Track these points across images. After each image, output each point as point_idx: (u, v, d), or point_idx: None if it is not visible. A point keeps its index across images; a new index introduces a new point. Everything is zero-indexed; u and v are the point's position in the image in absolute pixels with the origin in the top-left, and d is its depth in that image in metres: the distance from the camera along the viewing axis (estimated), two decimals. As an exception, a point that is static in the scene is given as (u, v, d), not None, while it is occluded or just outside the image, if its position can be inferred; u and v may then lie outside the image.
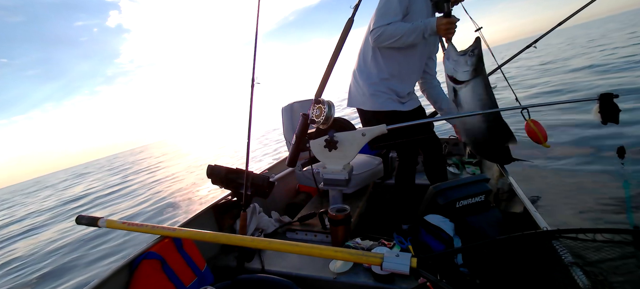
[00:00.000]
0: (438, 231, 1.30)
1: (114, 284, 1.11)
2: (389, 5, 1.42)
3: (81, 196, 11.57)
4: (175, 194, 7.16)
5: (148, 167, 16.20)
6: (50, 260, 4.53)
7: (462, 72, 1.29)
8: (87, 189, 13.80)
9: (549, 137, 1.38)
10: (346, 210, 1.45)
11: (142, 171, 15.14)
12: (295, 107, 2.18)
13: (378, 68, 1.58)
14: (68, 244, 5.09)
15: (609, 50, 12.72)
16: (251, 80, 1.67)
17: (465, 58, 1.28)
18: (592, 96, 1.16)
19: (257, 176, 1.67)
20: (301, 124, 1.50)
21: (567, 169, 3.37)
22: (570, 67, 10.67)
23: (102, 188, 12.51)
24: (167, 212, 5.60)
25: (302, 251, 0.98)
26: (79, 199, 10.78)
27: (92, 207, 8.65)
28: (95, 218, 1.29)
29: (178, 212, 5.52)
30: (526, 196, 1.44)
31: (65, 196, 13.21)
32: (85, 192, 12.75)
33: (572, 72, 9.68)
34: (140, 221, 4.70)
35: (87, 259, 4.17)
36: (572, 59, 12.70)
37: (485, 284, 1.14)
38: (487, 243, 0.86)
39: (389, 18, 1.42)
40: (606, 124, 1.14)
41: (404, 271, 0.83)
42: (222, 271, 1.44)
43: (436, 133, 1.80)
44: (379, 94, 1.58)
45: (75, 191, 14.68)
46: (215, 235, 1.18)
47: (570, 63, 11.71)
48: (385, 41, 1.45)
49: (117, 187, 11.32)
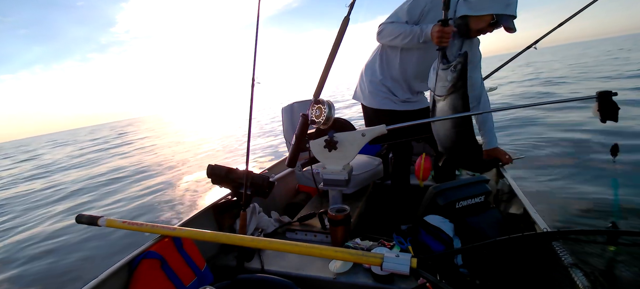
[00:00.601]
0: (438, 231, 1.30)
1: (113, 283, 1.11)
2: (401, 8, 1.48)
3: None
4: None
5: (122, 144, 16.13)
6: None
7: (440, 86, 1.26)
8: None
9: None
10: (346, 210, 1.45)
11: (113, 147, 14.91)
12: (296, 107, 2.18)
13: (380, 69, 1.63)
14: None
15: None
16: (251, 80, 1.67)
17: (446, 73, 1.24)
18: (590, 95, 1.16)
19: (257, 176, 1.67)
20: (301, 124, 1.50)
21: (564, 169, 3.38)
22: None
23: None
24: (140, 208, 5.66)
25: (302, 251, 0.98)
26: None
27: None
28: (96, 217, 1.29)
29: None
30: (525, 196, 1.44)
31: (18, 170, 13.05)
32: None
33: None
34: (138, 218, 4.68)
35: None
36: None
37: (485, 285, 1.14)
38: (488, 244, 0.87)
39: (395, 18, 1.48)
40: (605, 122, 1.14)
41: (404, 272, 0.83)
42: (221, 270, 1.44)
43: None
44: (378, 93, 1.64)
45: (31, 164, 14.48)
46: (215, 235, 1.18)
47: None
48: (385, 38, 1.50)
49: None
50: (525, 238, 0.95)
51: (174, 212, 4.40)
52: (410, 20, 1.45)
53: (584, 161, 3.50)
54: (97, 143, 19.58)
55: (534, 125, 5.51)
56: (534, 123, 5.63)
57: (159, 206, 4.78)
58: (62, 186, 7.59)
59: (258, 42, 1.65)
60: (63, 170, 10.47)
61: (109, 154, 13.03)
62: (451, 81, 1.23)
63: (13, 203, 6.65)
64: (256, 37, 1.64)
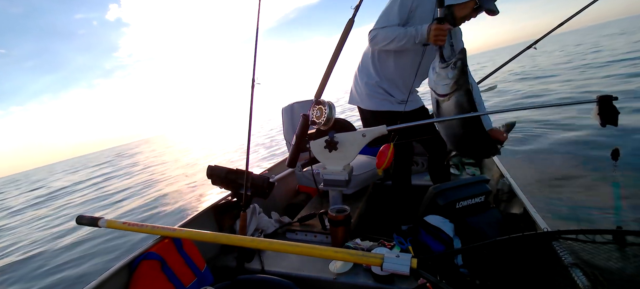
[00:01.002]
0: (438, 231, 1.30)
1: (113, 284, 1.11)
2: (389, 10, 1.44)
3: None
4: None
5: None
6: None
7: (442, 85, 1.25)
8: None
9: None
10: (346, 211, 1.45)
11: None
12: (296, 107, 2.18)
13: (375, 70, 1.62)
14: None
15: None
16: (251, 80, 1.67)
17: (446, 71, 1.23)
18: (590, 99, 1.16)
19: (257, 177, 1.67)
20: (301, 124, 1.50)
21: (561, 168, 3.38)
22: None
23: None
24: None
25: (302, 251, 0.98)
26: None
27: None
28: (96, 218, 1.29)
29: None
30: (525, 196, 1.44)
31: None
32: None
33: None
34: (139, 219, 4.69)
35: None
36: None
37: (485, 285, 1.14)
38: (488, 244, 0.87)
39: (385, 22, 1.44)
40: (605, 126, 1.14)
41: (404, 272, 0.83)
42: (221, 271, 1.44)
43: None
44: (375, 95, 1.63)
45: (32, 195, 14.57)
46: (215, 235, 1.18)
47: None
48: (379, 43, 1.48)
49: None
50: (526, 238, 0.95)
51: (175, 214, 4.44)
52: (400, 21, 1.44)
53: (585, 163, 3.50)
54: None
55: (533, 124, 5.51)
56: (533, 123, 5.63)
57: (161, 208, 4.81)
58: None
59: (258, 52, 1.64)
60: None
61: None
62: (453, 78, 1.22)
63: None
64: (256, 38, 1.64)
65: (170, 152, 19.82)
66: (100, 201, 8.18)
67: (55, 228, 6.07)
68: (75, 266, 3.89)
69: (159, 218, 5.21)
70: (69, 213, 7.48)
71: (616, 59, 11.23)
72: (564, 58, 16.24)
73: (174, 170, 10.41)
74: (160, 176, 9.80)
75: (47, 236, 5.62)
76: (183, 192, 6.68)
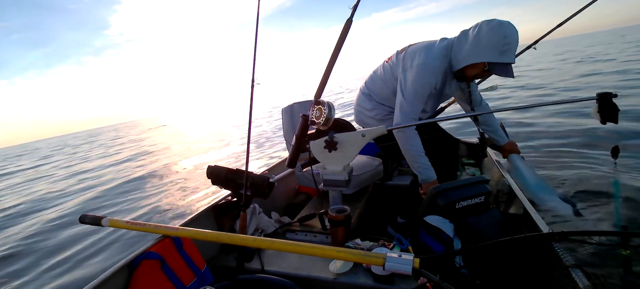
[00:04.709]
0: (438, 232, 1.30)
1: (113, 284, 1.11)
2: (418, 96, 1.45)
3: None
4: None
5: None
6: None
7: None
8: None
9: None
10: (346, 211, 1.45)
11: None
12: (296, 108, 2.18)
13: (380, 100, 1.68)
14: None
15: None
16: (251, 80, 1.67)
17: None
18: (590, 96, 1.16)
19: (257, 177, 1.67)
20: (301, 125, 1.50)
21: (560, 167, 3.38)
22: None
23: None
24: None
25: (304, 251, 0.98)
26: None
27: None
28: (99, 217, 1.30)
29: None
30: (525, 196, 1.44)
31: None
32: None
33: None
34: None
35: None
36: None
37: (485, 285, 1.14)
38: (491, 244, 0.86)
39: (413, 112, 1.46)
40: (605, 123, 1.14)
41: (406, 272, 0.83)
42: (221, 271, 1.44)
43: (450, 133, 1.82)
44: (384, 119, 1.67)
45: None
46: (217, 235, 1.18)
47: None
48: (396, 134, 1.50)
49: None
50: (528, 239, 0.95)
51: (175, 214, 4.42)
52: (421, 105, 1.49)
53: (584, 161, 3.50)
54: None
55: (533, 123, 5.51)
56: (533, 120, 5.63)
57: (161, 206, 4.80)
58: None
59: (255, 41, 1.64)
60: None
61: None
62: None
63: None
64: (256, 38, 1.64)
65: (144, 136, 19.51)
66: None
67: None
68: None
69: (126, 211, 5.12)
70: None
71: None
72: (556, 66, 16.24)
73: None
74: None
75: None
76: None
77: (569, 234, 0.82)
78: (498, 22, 1.29)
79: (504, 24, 1.28)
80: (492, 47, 1.28)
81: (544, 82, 10.40)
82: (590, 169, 3.21)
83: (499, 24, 1.28)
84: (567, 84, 9.23)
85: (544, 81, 10.68)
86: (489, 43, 1.28)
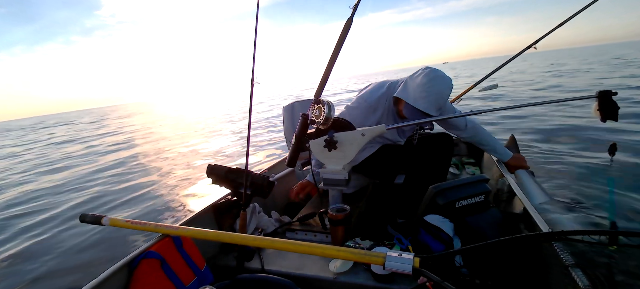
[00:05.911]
0: (438, 231, 1.30)
1: (113, 283, 1.11)
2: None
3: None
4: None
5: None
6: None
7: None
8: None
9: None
10: (346, 210, 1.45)
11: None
12: (296, 106, 2.18)
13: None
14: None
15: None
16: (251, 80, 1.67)
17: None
18: (590, 94, 1.16)
19: (257, 176, 1.67)
20: (301, 124, 1.50)
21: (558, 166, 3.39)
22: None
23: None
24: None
25: (305, 250, 0.98)
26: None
27: None
28: (99, 216, 1.31)
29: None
30: (525, 196, 1.44)
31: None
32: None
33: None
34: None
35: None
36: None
37: (485, 285, 1.14)
38: (491, 244, 0.86)
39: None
40: (606, 122, 1.14)
41: (406, 271, 0.83)
42: (221, 270, 1.44)
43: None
44: (374, 144, 1.78)
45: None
46: (217, 234, 1.18)
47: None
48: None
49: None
50: (528, 238, 0.95)
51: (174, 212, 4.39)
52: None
53: (580, 159, 3.50)
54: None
55: (532, 122, 5.52)
56: (532, 121, 5.64)
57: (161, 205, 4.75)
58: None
59: (255, 41, 1.64)
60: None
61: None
62: None
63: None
64: (255, 39, 1.64)
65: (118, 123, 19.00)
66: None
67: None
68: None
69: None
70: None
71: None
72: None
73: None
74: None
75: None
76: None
77: (568, 234, 0.82)
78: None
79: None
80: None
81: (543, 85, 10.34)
82: (586, 168, 3.22)
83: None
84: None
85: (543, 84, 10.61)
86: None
